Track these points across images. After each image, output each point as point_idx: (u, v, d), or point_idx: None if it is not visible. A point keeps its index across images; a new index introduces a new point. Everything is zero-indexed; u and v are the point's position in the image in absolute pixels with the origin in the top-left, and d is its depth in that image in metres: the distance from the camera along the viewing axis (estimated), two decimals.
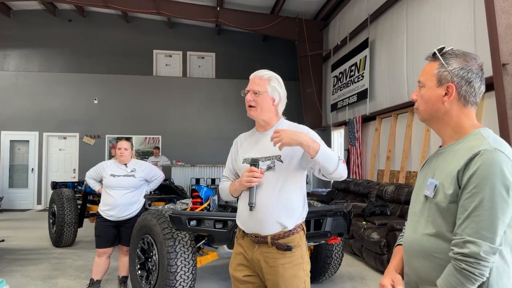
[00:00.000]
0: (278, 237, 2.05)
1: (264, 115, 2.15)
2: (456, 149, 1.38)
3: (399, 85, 7.54)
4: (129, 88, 12.32)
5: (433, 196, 1.36)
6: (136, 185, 4.18)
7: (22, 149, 11.98)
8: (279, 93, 2.18)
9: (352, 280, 4.94)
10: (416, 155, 6.97)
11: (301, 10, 11.21)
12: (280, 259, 2.05)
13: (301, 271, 2.09)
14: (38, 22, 12.50)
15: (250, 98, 2.12)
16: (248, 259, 2.14)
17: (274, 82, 2.17)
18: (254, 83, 2.14)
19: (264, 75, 2.15)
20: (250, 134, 2.30)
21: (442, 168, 1.39)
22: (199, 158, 12.06)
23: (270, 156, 2.08)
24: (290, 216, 2.07)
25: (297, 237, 2.08)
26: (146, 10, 11.12)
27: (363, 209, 6.28)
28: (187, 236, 3.64)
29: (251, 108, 2.13)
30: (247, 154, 2.16)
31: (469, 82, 1.38)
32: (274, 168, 2.06)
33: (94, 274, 4.25)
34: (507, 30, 4.83)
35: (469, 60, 1.40)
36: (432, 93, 1.42)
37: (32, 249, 6.44)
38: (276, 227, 2.05)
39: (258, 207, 2.04)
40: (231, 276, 2.22)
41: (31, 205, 11.82)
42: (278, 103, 2.18)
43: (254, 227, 2.09)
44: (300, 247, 2.09)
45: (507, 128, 4.67)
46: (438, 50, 1.42)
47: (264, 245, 2.07)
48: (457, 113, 1.40)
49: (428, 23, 6.68)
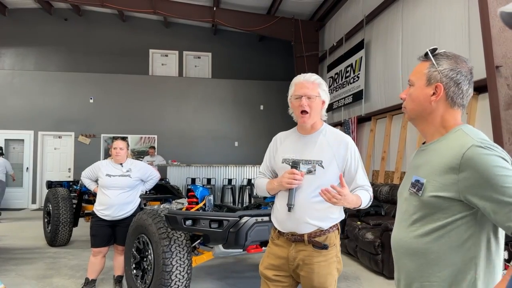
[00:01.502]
0: (314, 235, 2.11)
1: (314, 119, 2.18)
2: (438, 146, 1.39)
3: (394, 86, 7.59)
4: (125, 87, 12.30)
5: (421, 194, 1.37)
6: (131, 185, 4.19)
7: (17, 148, 11.92)
8: (328, 95, 2.24)
9: (347, 280, 4.97)
10: (410, 156, 7.01)
11: (297, 11, 11.24)
12: (316, 257, 2.10)
13: (334, 269, 2.15)
14: (33, 20, 12.45)
15: (306, 102, 2.11)
16: (282, 258, 2.17)
17: (324, 86, 2.21)
18: (306, 88, 2.14)
19: (316, 80, 2.17)
20: (290, 134, 2.32)
21: (426, 165, 1.40)
22: (195, 158, 12.06)
23: (312, 160, 2.13)
24: (326, 218, 2.13)
25: (333, 236, 2.15)
26: (142, 10, 11.11)
27: (358, 210, 6.31)
28: (183, 236, 3.65)
29: (304, 114, 2.13)
30: (287, 154, 2.20)
31: (458, 83, 1.40)
32: (314, 172, 2.10)
33: (89, 273, 4.25)
34: (500, 33, 4.88)
35: (459, 62, 1.41)
36: (421, 92, 1.44)
37: (27, 249, 6.43)
38: (312, 227, 2.11)
39: (296, 208, 2.09)
40: (261, 274, 2.25)
41: (26, 204, 11.78)
42: (325, 106, 2.23)
43: (291, 226, 2.14)
44: (335, 246, 2.16)
45: (501, 130, 4.71)
46: (431, 51, 1.44)
47: (301, 243, 2.12)
48: (442, 113, 1.42)
49: (423, 25, 6.73)
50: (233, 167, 11.01)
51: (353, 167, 2.16)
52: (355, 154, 2.17)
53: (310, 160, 2.12)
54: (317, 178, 2.09)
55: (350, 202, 1.98)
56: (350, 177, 2.15)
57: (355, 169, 2.16)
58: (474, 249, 1.30)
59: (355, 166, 2.16)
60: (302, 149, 2.18)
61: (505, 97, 4.85)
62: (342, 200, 1.92)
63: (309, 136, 2.20)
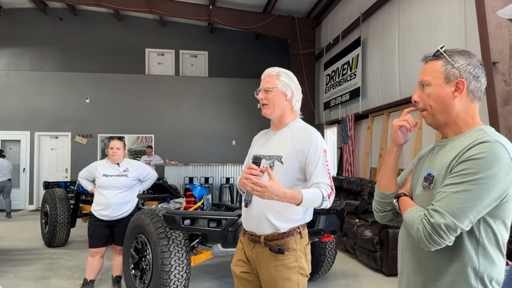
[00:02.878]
0: (271, 238, 2.04)
1: (277, 112, 2.13)
2: (456, 143, 1.38)
3: (391, 84, 7.59)
4: (121, 87, 12.25)
5: (432, 187, 1.37)
6: (129, 184, 4.17)
7: (14, 148, 11.87)
8: (290, 87, 2.15)
9: (346, 277, 4.97)
10: (408, 153, 7.02)
11: (293, 9, 11.22)
12: (273, 261, 2.03)
13: (294, 274, 2.04)
14: (29, 20, 12.38)
15: (262, 96, 2.12)
16: (247, 256, 2.15)
17: (283, 77, 2.15)
18: (264, 81, 2.15)
19: (272, 72, 2.15)
20: (266, 131, 2.31)
21: (441, 160, 1.40)
22: (193, 157, 12.04)
23: (272, 156, 2.08)
24: (284, 219, 2.03)
25: (292, 240, 2.04)
26: (138, 9, 11.06)
27: (356, 207, 6.32)
28: (181, 236, 3.64)
29: (264, 106, 2.14)
30: (258, 151, 2.18)
31: (477, 77, 1.39)
32: (273, 168, 2.04)
33: (88, 274, 4.23)
34: (497, 29, 4.88)
35: (472, 56, 1.41)
36: (441, 90, 1.41)
37: (25, 250, 6.40)
38: (269, 228, 2.04)
39: (253, 205, 2.04)
40: (232, 272, 2.23)
41: (23, 205, 11.73)
42: (291, 98, 2.15)
43: (251, 225, 2.11)
44: (294, 251, 2.04)
45: (498, 126, 4.73)
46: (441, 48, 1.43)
47: (259, 244, 2.07)
48: (465, 109, 1.41)
49: (419, 21, 6.74)
50: (230, 165, 11.01)
51: (312, 162, 2.02)
52: (317, 150, 2.03)
53: (271, 156, 2.08)
54: (275, 173, 1.97)
55: (281, 196, 1.82)
56: (309, 173, 2.04)
57: (314, 164, 2.01)
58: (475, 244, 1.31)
59: (314, 161, 2.02)
60: (269, 145, 2.16)
61: (502, 93, 4.86)
62: (266, 192, 1.79)
63: (277, 132, 2.18)
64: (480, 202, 1.24)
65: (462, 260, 1.31)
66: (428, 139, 6.42)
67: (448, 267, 1.33)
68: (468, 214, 1.24)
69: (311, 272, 4.85)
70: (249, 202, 2.02)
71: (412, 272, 1.44)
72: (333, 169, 10.69)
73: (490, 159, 1.24)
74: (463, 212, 1.24)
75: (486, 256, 1.30)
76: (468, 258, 1.30)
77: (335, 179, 8.57)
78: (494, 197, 1.25)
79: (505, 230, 1.33)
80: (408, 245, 1.46)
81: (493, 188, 1.24)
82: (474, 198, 1.24)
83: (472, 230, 1.30)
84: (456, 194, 1.25)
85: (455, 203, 1.24)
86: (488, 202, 1.25)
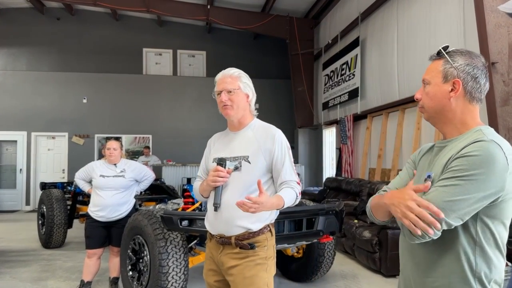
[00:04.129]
0: (242, 238, 2.03)
1: (239, 113, 2.12)
2: (455, 144, 1.38)
3: (390, 84, 7.58)
4: (118, 87, 12.21)
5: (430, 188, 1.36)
6: (126, 185, 4.14)
7: (10, 149, 11.80)
8: (251, 88, 2.17)
9: (345, 278, 4.95)
10: (407, 153, 7.01)
11: (291, 9, 11.20)
12: (243, 258, 2.02)
13: (262, 271, 2.03)
14: (25, 20, 12.31)
15: (225, 97, 2.08)
16: (216, 263, 2.12)
17: (245, 79, 2.15)
18: (225, 82, 2.11)
19: (234, 73, 2.13)
20: (224, 134, 2.28)
21: (439, 162, 1.40)
22: (190, 158, 11.99)
23: (238, 157, 2.06)
24: (254, 219, 2.02)
25: (263, 237, 2.06)
26: (135, 8, 11.02)
27: (355, 208, 6.30)
28: (179, 237, 3.61)
29: (227, 107, 2.10)
30: (218, 153, 2.14)
31: (475, 78, 1.39)
32: (240, 168, 2.03)
33: (85, 275, 4.20)
34: (496, 29, 4.87)
35: (474, 57, 1.41)
36: (438, 89, 1.42)
37: (21, 251, 6.35)
38: (240, 229, 2.03)
39: (223, 208, 2.02)
40: (205, 280, 2.21)
41: (19, 206, 11.66)
42: (251, 99, 2.17)
43: (220, 228, 2.07)
44: (265, 248, 2.05)
45: (497, 126, 4.72)
46: (443, 48, 1.43)
47: (229, 246, 2.05)
48: (462, 110, 1.40)
49: (418, 21, 6.72)
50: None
51: (279, 160, 2.05)
52: (282, 147, 2.07)
53: (237, 157, 2.06)
54: (244, 174, 2.02)
55: (270, 207, 1.92)
56: (277, 171, 2.06)
57: (282, 162, 2.05)
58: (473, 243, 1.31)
59: (281, 159, 2.05)
60: (231, 146, 2.13)
61: (501, 93, 4.85)
62: (261, 208, 1.83)
63: (238, 133, 2.16)
64: (468, 198, 1.22)
65: (459, 260, 1.31)
66: (427, 138, 6.40)
67: (446, 267, 1.33)
68: (454, 208, 1.22)
69: (311, 273, 4.83)
70: (219, 206, 2.01)
71: (411, 272, 1.45)
72: (331, 169, 10.68)
73: (483, 157, 1.23)
74: (449, 205, 1.22)
75: (484, 257, 1.30)
76: (465, 258, 1.30)
77: (334, 180, 8.55)
78: (484, 194, 1.23)
79: (505, 230, 1.33)
80: (407, 246, 1.46)
81: (483, 186, 1.22)
82: (461, 193, 1.22)
83: (468, 230, 1.30)
84: (444, 188, 1.25)
85: (441, 196, 1.24)
86: (477, 198, 1.23)
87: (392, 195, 1.34)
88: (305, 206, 4.32)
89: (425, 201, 1.22)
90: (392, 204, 1.30)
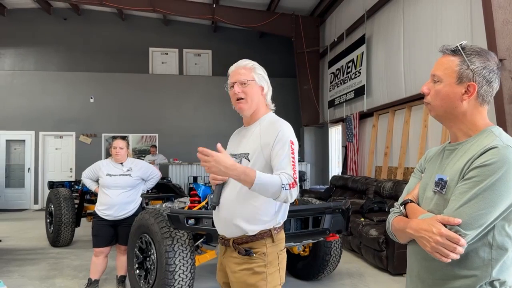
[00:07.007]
0: (240, 241, 1.92)
1: (253, 108, 1.99)
2: (468, 147, 1.35)
3: (396, 81, 7.53)
4: (125, 86, 12.26)
5: (445, 193, 1.34)
6: (132, 184, 4.16)
7: (18, 148, 11.91)
8: (267, 81, 2.04)
9: (351, 277, 4.94)
10: (414, 151, 6.97)
11: (297, 7, 11.17)
12: (241, 265, 1.91)
13: (261, 281, 1.88)
14: (33, 20, 12.41)
15: (238, 89, 1.95)
16: (222, 264, 2.06)
17: (260, 70, 2.03)
18: (239, 73, 1.98)
19: (247, 64, 2.01)
20: (240, 129, 2.18)
21: (453, 165, 1.36)
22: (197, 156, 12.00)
23: (240, 154, 1.97)
24: (253, 221, 1.89)
25: (261, 243, 1.91)
26: (141, 8, 11.06)
27: (361, 206, 6.28)
28: (185, 235, 3.62)
29: (240, 100, 1.96)
30: (230, 150, 2.06)
31: (490, 82, 1.35)
32: None
33: (92, 273, 4.23)
34: (504, 26, 4.82)
35: (490, 59, 1.36)
36: (451, 90, 1.36)
37: (30, 249, 6.41)
38: (237, 231, 1.91)
39: (221, 207, 1.95)
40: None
41: (28, 205, 11.77)
42: (266, 92, 2.03)
43: (220, 228, 2.01)
44: (264, 255, 1.90)
45: (505, 124, 4.67)
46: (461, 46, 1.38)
47: (229, 248, 1.97)
48: (472, 112, 1.37)
49: (424, 18, 6.67)
50: None
51: (277, 154, 1.86)
52: (282, 141, 1.87)
53: (239, 154, 1.96)
54: None
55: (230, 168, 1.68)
56: (273, 165, 1.88)
57: (279, 156, 1.85)
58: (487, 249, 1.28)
59: (279, 153, 1.86)
60: (239, 143, 2.03)
61: (509, 90, 4.80)
62: (212, 162, 1.68)
63: (249, 128, 2.03)
64: (494, 209, 1.22)
65: (473, 263, 1.28)
66: (434, 136, 6.36)
67: (457, 270, 1.30)
68: (480, 221, 1.23)
69: (317, 271, 4.82)
70: (217, 204, 1.94)
71: (420, 274, 1.42)
72: (337, 168, 10.65)
73: (500, 163, 1.22)
74: (476, 220, 1.22)
75: (499, 261, 1.28)
76: (479, 261, 1.28)
77: (340, 178, 8.53)
78: (509, 201, 1.23)
79: None
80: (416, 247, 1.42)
81: (506, 193, 1.22)
82: (488, 205, 1.22)
83: (485, 235, 1.27)
84: (469, 202, 1.23)
85: (468, 212, 1.23)
86: (502, 208, 1.23)
87: (419, 226, 1.31)
88: (312, 205, 4.32)
89: (455, 235, 1.21)
90: (420, 237, 1.29)
